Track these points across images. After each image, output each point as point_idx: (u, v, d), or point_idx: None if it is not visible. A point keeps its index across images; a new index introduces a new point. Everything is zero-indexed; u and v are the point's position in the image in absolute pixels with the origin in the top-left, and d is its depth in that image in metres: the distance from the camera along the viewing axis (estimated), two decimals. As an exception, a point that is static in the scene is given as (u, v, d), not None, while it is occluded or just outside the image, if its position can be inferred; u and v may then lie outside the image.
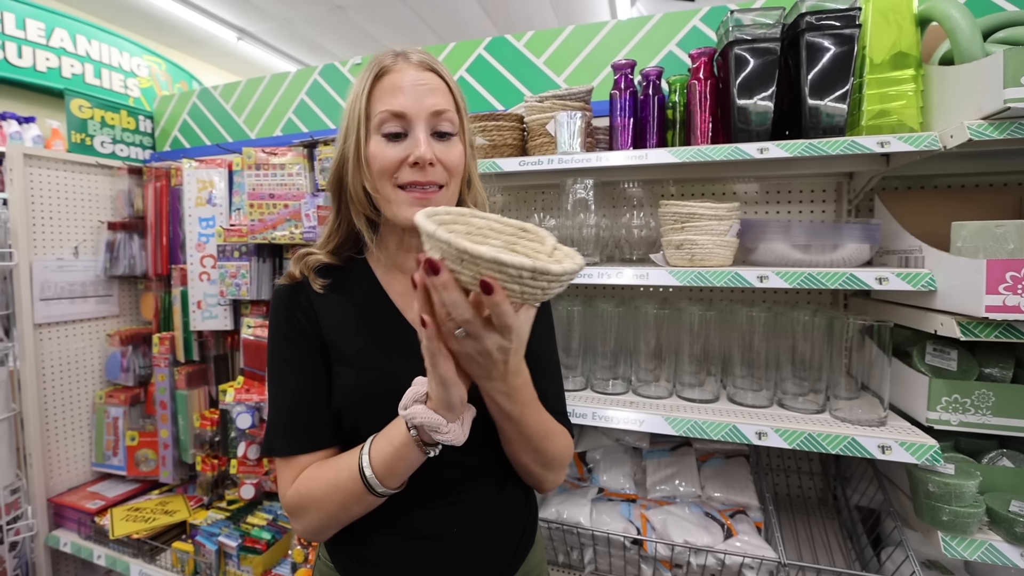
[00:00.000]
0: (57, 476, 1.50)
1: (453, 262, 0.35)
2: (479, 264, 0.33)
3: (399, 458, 0.46)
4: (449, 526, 0.55)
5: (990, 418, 0.78)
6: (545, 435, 0.53)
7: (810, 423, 0.83)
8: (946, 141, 0.75)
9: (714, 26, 1.18)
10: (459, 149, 0.54)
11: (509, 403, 0.47)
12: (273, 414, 0.56)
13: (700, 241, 0.90)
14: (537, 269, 0.33)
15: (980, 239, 0.75)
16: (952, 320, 0.72)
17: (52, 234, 1.50)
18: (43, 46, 2.32)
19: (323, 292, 0.55)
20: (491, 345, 0.39)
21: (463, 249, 0.33)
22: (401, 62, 0.53)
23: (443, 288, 0.36)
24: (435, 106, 0.51)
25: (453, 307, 0.36)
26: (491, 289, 0.34)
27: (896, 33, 0.84)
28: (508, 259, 0.32)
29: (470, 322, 0.37)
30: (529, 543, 0.63)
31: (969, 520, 0.74)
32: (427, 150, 0.50)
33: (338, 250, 0.59)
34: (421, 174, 0.51)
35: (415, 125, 0.51)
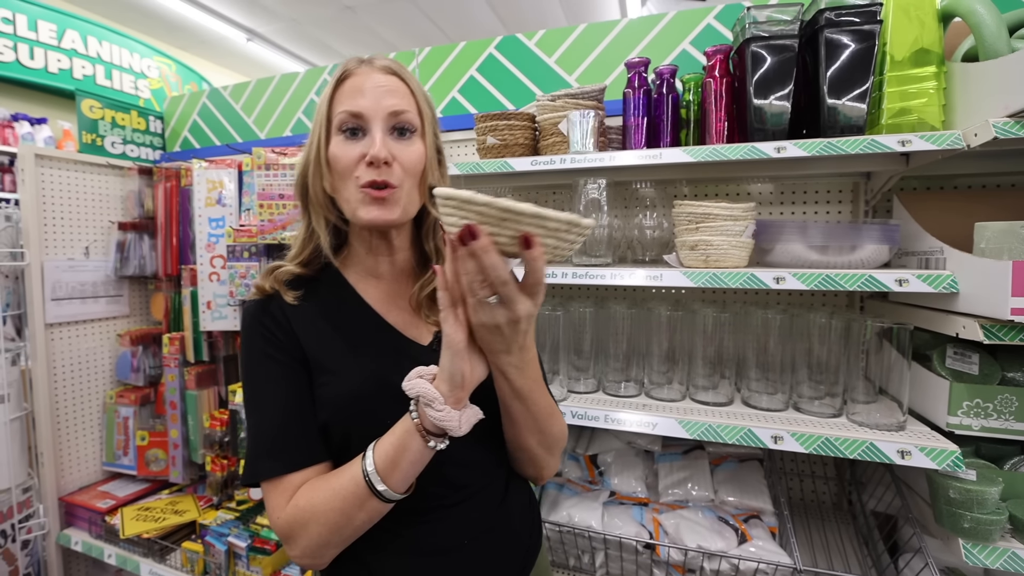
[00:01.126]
0: (68, 475, 1.51)
1: (492, 223, 0.36)
2: (521, 221, 0.35)
3: (401, 448, 0.44)
4: (457, 539, 0.53)
5: (1013, 423, 0.76)
6: (550, 413, 0.53)
7: (827, 427, 0.82)
8: (970, 140, 0.73)
9: (728, 24, 1.16)
10: (418, 148, 0.53)
11: (521, 378, 0.46)
12: (254, 439, 0.51)
13: (715, 242, 0.89)
14: (573, 221, 0.36)
15: (1004, 240, 0.74)
16: (975, 323, 0.70)
17: (63, 234, 1.51)
18: (55, 48, 2.34)
19: (297, 304, 0.54)
20: (522, 311, 0.39)
21: (506, 207, 0.34)
22: (365, 67, 0.54)
23: (483, 252, 0.36)
24: (393, 106, 0.52)
25: (493, 269, 0.37)
26: (531, 243, 0.35)
27: (918, 29, 0.82)
28: (549, 213, 0.35)
29: (507, 283, 0.38)
30: (537, 547, 0.62)
31: (991, 527, 0.73)
32: (381, 148, 0.50)
33: (310, 261, 0.57)
34: (377, 173, 0.50)
35: (372, 124, 0.51)
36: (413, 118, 0.53)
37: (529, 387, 0.48)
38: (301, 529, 0.47)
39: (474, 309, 0.40)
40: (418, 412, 0.44)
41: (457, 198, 0.36)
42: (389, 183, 0.51)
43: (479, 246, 0.36)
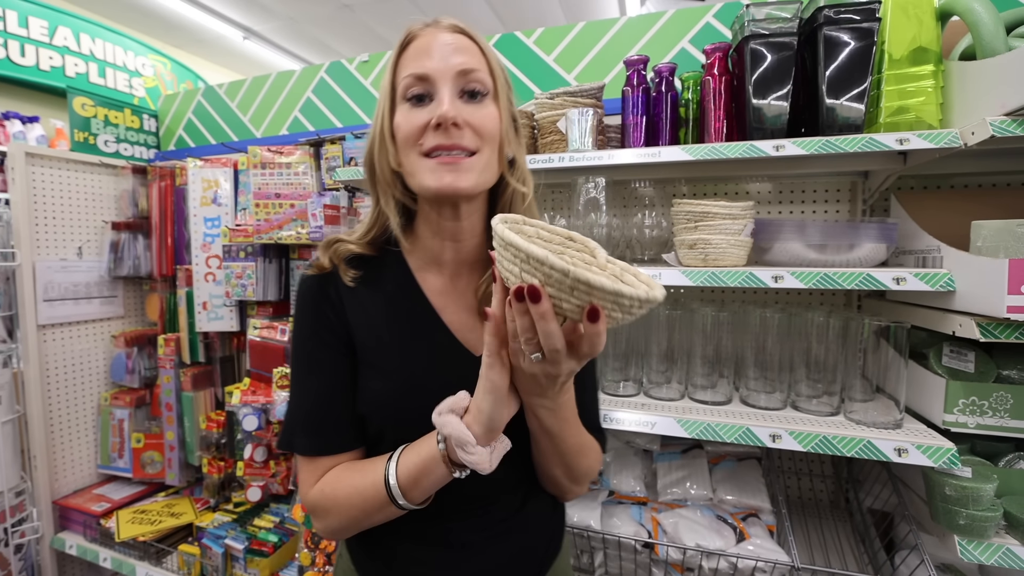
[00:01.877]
0: (62, 478, 1.49)
1: (559, 289, 0.32)
2: (593, 295, 0.32)
3: (425, 472, 0.44)
4: (476, 536, 0.53)
5: (1008, 421, 0.77)
6: (579, 450, 0.51)
7: (825, 425, 0.82)
8: (967, 138, 0.73)
9: (727, 22, 1.16)
10: (492, 111, 0.48)
11: (552, 419, 0.45)
12: (293, 408, 0.53)
13: (714, 241, 0.89)
14: (648, 299, 0.32)
15: (1000, 239, 0.74)
16: (971, 321, 0.71)
17: (55, 234, 1.49)
18: (46, 45, 2.30)
19: (353, 285, 0.52)
20: (564, 370, 0.38)
21: (584, 280, 0.31)
22: (430, 28, 0.49)
23: (541, 318, 0.33)
24: (461, 65, 0.46)
25: (547, 337, 0.34)
26: (598, 318, 0.32)
27: (916, 27, 0.82)
28: (627, 291, 0.31)
29: (559, 352, 0.35)
30: (555, 553, 0.61)
31: (986, 524, 0.73)
32: (449, 108, 0.45)
33: (375, 241, 0.55)
34: (445, 136, 0.45)
35: (439, 86, 0.46)
36: (484, 77, 0.48)
37: (559, 427, 0.46)
38: (324, 513, 0.50)
39: (515, 353, 0.39)
40: (447, 446, 0.43)
41: (525, 252, 0.32)
42: (462, 146, 0.46)
43: (538, 312, 0.33)
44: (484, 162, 0.48)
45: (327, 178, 1.35)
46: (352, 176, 1.13)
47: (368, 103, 1.57)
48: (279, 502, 1.42)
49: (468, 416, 0.42)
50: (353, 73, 1.59)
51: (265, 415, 1.29)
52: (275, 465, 1.34)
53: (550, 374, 0.38)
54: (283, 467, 1.35)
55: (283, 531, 1.30)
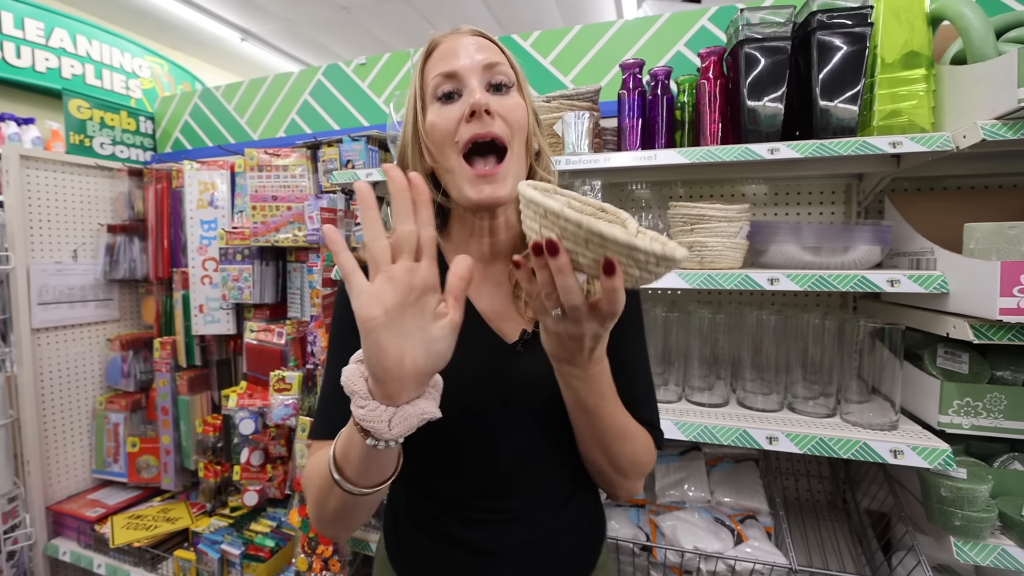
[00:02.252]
0: (56, 483, 1.48)
1: (575, 242, 0.33)
2: (607, 247, 0.32)
3: (348, 442, 0.39)
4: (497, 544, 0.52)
5: (1002, 421, 0.77)
6: (620, 433, 0.48)
7: (821, 427, 0.83)
8: (959, 141, 0.74)
9: (722, 26, 1.17)
10: (519, 101, 0.50)
11: (586, 390, 0.43)
12: (319, 398, 0.55)
13: (710, 243, 0.89)
14: (665, 256, 0.32)
15: (993, 241, 0.75)
16: (965, 323, 0.71)
17: (50, 237, 1.48)
18: (42, 46, 2.30)
19: None
20: (587, 331, 0.36)
21: (596, 231, 0.31)
22: (452, 34, 0.53)
23: (559, 271, 0.33)
24: (486, 59, 0.49)
25: (565, 292, 0.34)
26: (613, 272, 0.32)
27: (908, 32, 0.83)
28: (640, 244, 0.31)
29: (577, 308, 0.35)
30: (590, 568, 0.58)
31: (982, 525, 0.74)
32: (482, 95, 0.47)
33: None
34: (480, 124, 0.47)
35: (468, 80, 0.49)
36: (508, 71, 0.50)
37: (595, 402, 0.44)
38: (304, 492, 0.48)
39: (539, 311, 0.38)
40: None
41: (543, 207, 0.33)
42: (496, 135, 0.47)
43: (556, 265, 0.33)
44: (516, 162, 0.50)
45: (324, 181, 1.35)
46: (349, 179, 1.13)
47: (365, 106, 1.58)
48: (276, 506, 1.41)
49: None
50: (350, 76, 1.59)
51: (262, 419, 1.29)
52: (272, 469, 1.33)
53: (573, 334, 0.37)
54: (280, 471, 1.35)
55: (280, 536, 1.29)
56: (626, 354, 0.52)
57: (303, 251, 1.39)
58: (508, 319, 0.53)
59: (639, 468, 0.52)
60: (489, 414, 0.51)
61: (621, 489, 0.54)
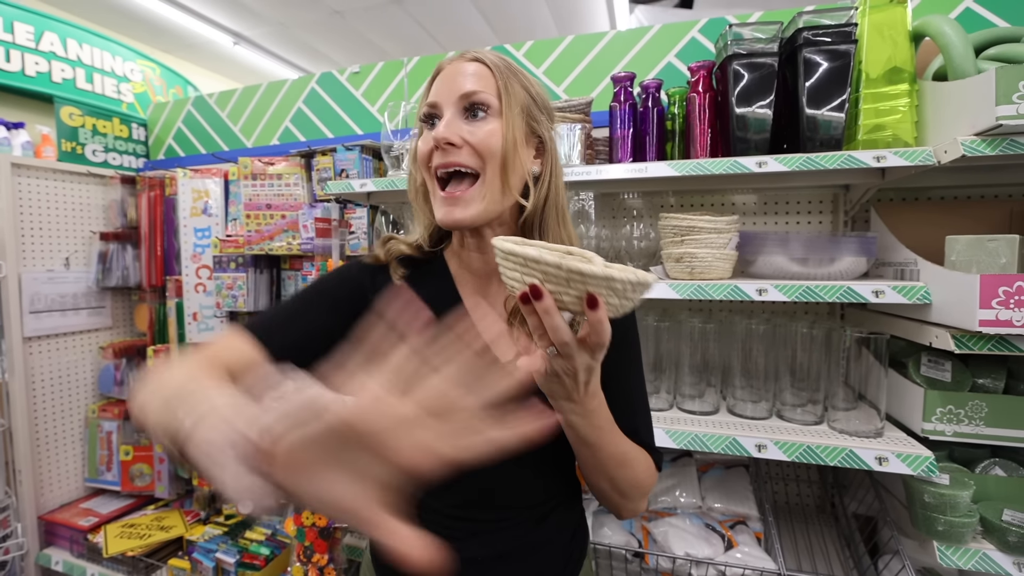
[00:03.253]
0: (48, 493, 1.47)
1: (557, 284, 0.36)
2: (588, 283, 0.35)
3: None
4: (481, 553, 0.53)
5: (983, 428, 0.79)
6: (621, 461, 0.50)
7: (809, 435, 0.84)
8: (940, 156, 0.76)
9: (712, 38, 1.19)
10: (492, 127, 0.50)
11: (586, 425, 0.45)
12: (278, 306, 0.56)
13: (700, 254, 0.90)
14: (639, 282, 0.36)
15: (973, 253, 0.77)
16: (947, 333, 0.73)
17: (42, 245, 1.47)
18: (32, 50, 2.27)
19: (401, 283, 0.56)
20: (580, 365, 0.39)
21: (575, 269, 0.34)
22: (456, 59, 0.53)
23: (546, 313, 0.36)
24: (463, 88, 0.50)
25: (554, 331, 0.36)
26: (596, 305, 0.35)
27: (891, 48, 0.85)
28: (617, 275, 0.35)
29: (568, 344, 0.37)
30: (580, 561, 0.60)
31: (964, 530, 0.75)
32: (444, 129, 0.49)
33: (421, 247, 0.60)
34: (442, 156, 0.50)
35: (444, 110, 0.51)
36: (487, 98, 0.50)
37: (596, 435, 0.46)
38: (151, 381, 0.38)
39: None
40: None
41: (521, 256, 0.36)
42: (460, 164, 0.49)
43: (542, 308, 0.35)
44: (487, 187, 0.51)
45: (318, 189, 1.36)
46: (343, 189, 1.14)
47: (359, 114, 1.58)
48: (271, 514, 1.41)
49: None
50: (344, 84, 1.59)
51: (256, 427, 1.29)
52: (267, 477, 1.33)
53: (567, 370, 0.39)
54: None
55: (275, 544, 1.29)
56: (624, 383, 0.54)
57: (297, 259, 1.39)
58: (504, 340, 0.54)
59: (641, 490, 0.53)
60: None
61: (625, 510, 0.55)
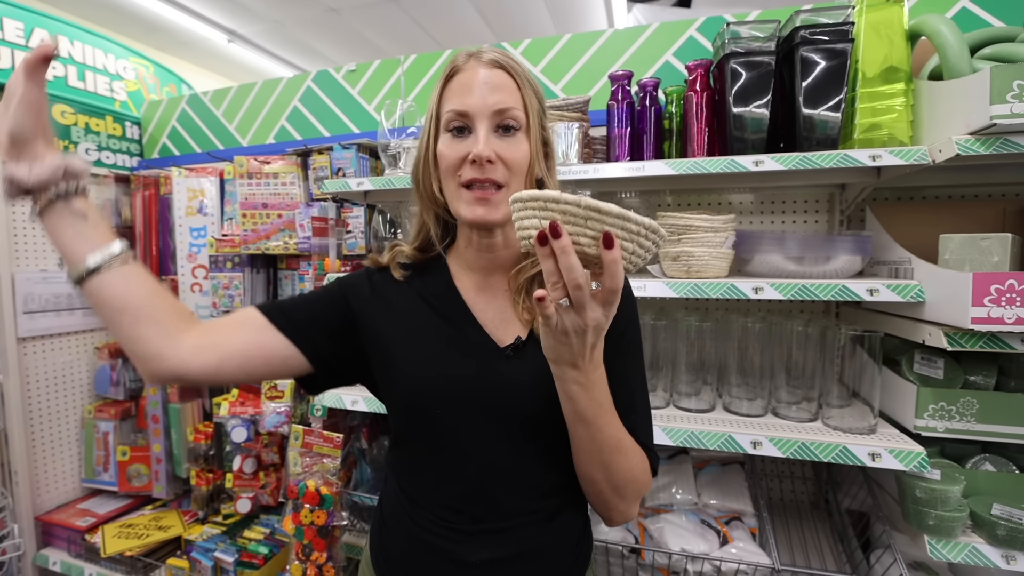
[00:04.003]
0: (45, 493, 1.47)
1: (575, 223, 0.37)
2: (605, 221, 0.36)
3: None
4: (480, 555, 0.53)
5: (974, 424, 0.80)
6: (617, 446, 0.49)
7: (803, 432, 0.85)
8: (935, 156, 0.77)
9: (710, 36, 1.19)
10: (523, 147, 0.54)
11: (586, 397, 0.45)
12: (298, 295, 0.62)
13: (696, 253, 0.91)
14: (653, 227, 0.37)
15: (966, 251, 0.78)
16: (939, 331, 0.74)
17: (35, 245, 1.46)
18: (22, 47, 2.23)
19: (402, 279, 0.60)
20: (591, 319, 0.39)
21: (594, 206, 0.35)
22: (472, 61, 0.54)
23: (562, 252, 0.36)
24: (498, 104, 0.52)
25: (569, 271, 0.37)
26: (612, 244, 0.36)
27: (887, 48, 0.85)
28: (632, 215, 0.36)
29: (581, 288, 0.38)
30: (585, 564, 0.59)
31: (954, 524, 0.77)
32: (484, 147, 0.51)
33: (423, 247, 0.62)
34: (480, 171, 0.51)
35: (477, 123, 0.52)
36: (518, 114, 0.53)
37: (594, 411, 0.46)
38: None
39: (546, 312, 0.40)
40: None
41: (542, 198, 0.37)
42: (494, 180, 0.52)
43: (559, 245, 0.36)
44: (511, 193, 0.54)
45: (315, 188, 1.35)
46: (340, 188, 1.13)
47: (355, 112, 1.57)
48: (269, 513, 1.42)
49: None
50: (340, 82, 1.58)
51: (254, 426, 1.29)
52: (265, 476, 1.33)
53: (577, 326, 0.40)
54: (273, 478, 1.35)
55: (274, 543, 1.30)
56: (623, 371, 0.54)
57: (294, 259, 1.39)
58: (506, 326, 0.57)
59: (636, 487, 0.52)
60: (472, 416, 0.53)
61: (616, 512, 0.53)
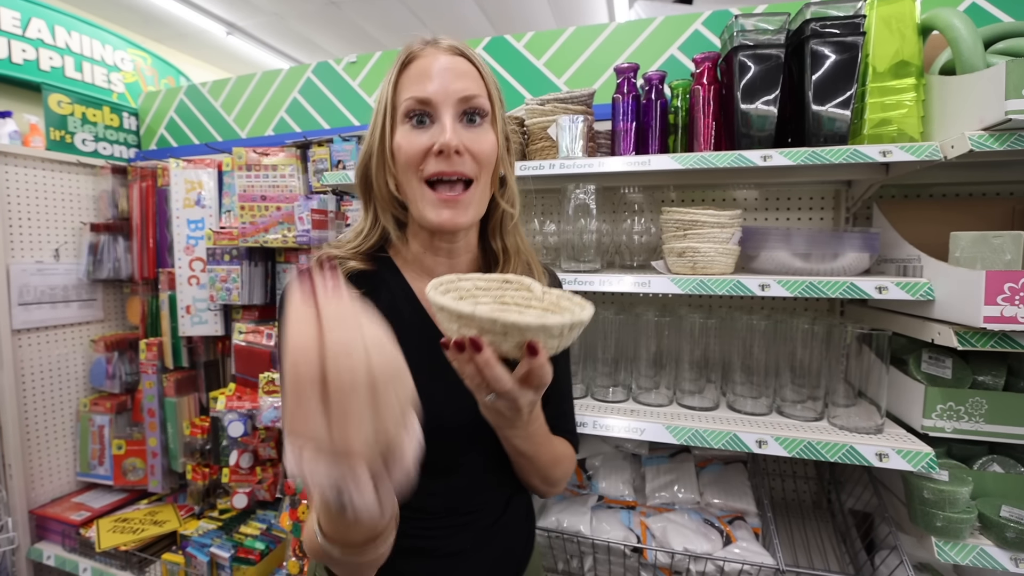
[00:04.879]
0: (39, 487, 1.45)
1: (495, 336, 0.36)
2: (526, 334, 0.35)
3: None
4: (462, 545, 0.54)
5: (983, 425, 0.79)
6: (553, 463, 0.55)
7: (809, 431, 0.84)
8: (947, 151, 0.75)
9: (716, 30, 1.17)
10: (490, 138, 0.49)
11: (526, 444, 0.48)
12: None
13: (702, 249, 0.89)
14: (576, 323, 0.37)
15: (977, 249, 0.76)
16: (949, 329, 0.73)
17: (31, 236, 1.44)
18: (19, 37, 2.21)
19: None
20: (524, 403, 0.40)
21: (511, 323, 0.34)
22: (430, 48, 0.49)
23: (486, 365, 0.36)
24: (464, 91, 0.47)
25: (495, 381, 0.37)
26: (537, 351, 0.35)
27: (899, 42, 0.84)
28: (552, 322, 0.35)
29: (510, 392, 0.38)
30: (530, 552, 0.64)
31: (962, 526, 0.76)
32: (452, 136, 0.46)
33: (368, 254, 0.55)
34: (447, 163, 0.46)
35: (442, 111, 0.47)
36: (484, 103, 0.49)
37: (534, 450, 0.49)
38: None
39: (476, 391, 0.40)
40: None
41: (455, 312, 0.35)
42: (462, 174, 0.47)
43: (482, 360, 0.35)
44: (480, 191, 0.50)
45: (314, 181, 1.33)
46: (340, 180, 1.11)
47: (356, 104, 1.55)
48: (266, 509, 1.40)
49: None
50: (340, 74, 1.56)
51: (251, 421, 1.27)
52: (261, 471, 1.32)
53: (512, 408, 0.40)
54: (269, 473, 1.33)
55: (270, 538, 1.28)
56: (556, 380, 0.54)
57: (293, 252, 1.37)
58: None
59: (567, 479, 0.60)
60: (457, 431, 0.52)
61: (549, 495, 0.61)
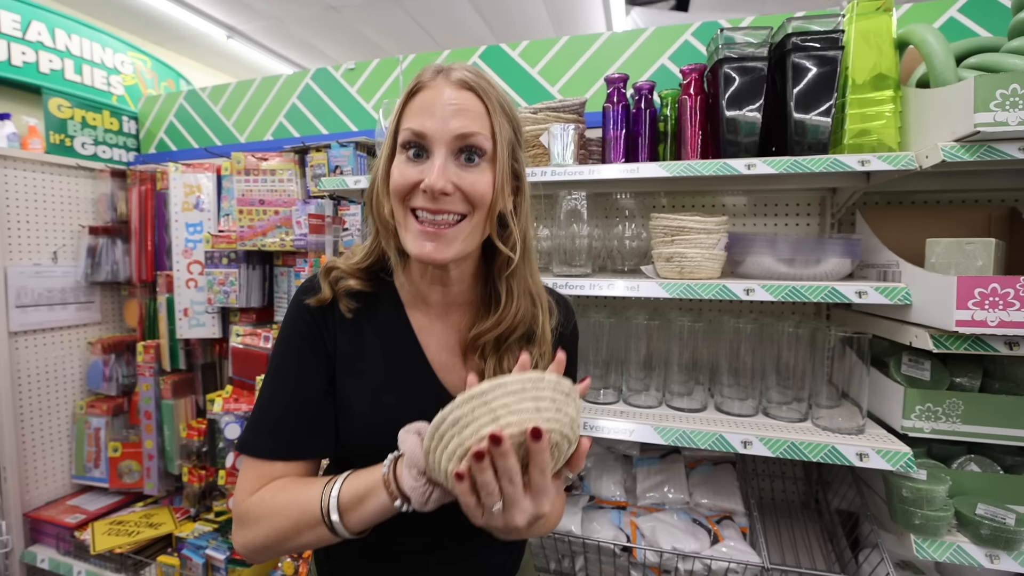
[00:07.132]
0: (34, 489, 1.45)
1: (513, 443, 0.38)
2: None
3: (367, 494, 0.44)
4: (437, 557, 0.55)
5: (959, 425, 0.82)
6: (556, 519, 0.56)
7: (793, 432, 0.86)
8: (922, 161, 0.78)
9: (705, 41, 1.20)
10: (486, 178, 0.48)
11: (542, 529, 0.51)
12: (260, 412, 0.52)
13: (689, 254, 0.92)
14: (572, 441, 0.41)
15: (952, 255, 0.79)
16: (926, 333, 0.75)
17: (29, 239, 1.45)
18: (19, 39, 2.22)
19: (350, 316, 0.53)
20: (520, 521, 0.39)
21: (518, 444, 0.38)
22: (440, 79, 0.48)
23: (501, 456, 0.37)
24: (460, 129, 0.46)
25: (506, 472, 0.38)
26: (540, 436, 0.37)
27: (876, 56, 0.87)
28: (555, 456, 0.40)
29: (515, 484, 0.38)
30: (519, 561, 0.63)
31: (939, 523, 0.78)
32: (438, 177, 0.45)
33: (371, 269, 0.55)
34: (432, 202, 0.46)
35: (435, 148, 0.47)
36: (483, 142, 0.47)
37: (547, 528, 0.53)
38: (254, 522, 0.48)
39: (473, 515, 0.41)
40: (393, 470, 0.44)
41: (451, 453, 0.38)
42: (448, 211, 0.47)
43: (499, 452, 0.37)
44: (471, 229, 0.49)
45: (312, 186, 1.35)
46: (338, 185, 1.14)
47: (354, 111, 1.57)
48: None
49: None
50: (339, 80, 1.58)
51: (248, 423, 1.28)
52: (258, 474, 1.33)
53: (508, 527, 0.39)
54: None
55: (266, 540, 1.29)
56: None
57: (290, 255, 1.39)
58: (453, 370, 0.55)
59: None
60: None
61: None
